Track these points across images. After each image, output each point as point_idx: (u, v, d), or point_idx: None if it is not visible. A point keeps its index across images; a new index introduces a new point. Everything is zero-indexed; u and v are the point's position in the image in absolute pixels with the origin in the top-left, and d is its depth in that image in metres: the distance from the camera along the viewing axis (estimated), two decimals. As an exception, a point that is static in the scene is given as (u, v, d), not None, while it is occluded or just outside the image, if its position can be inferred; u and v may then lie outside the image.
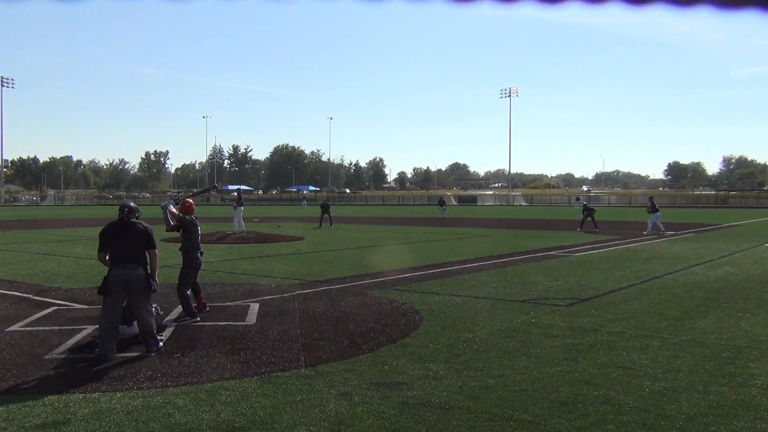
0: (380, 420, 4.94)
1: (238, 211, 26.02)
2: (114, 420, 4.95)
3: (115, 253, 7.27)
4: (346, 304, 10.08)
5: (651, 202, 28.47)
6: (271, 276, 13.43)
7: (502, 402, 5.37)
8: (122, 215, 7.49)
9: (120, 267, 7.19)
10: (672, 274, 13.77)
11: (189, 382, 5.99)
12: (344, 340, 7.65)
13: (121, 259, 7.23)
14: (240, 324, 8.59)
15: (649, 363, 6.62)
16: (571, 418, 4.99)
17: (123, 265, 7.20)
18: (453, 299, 10.53)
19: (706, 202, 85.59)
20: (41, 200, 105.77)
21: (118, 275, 7.15)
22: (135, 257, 7.29)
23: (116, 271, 7.17)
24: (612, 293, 11.22)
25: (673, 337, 7.80)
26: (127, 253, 7.26)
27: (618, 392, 5.63)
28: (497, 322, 8.74)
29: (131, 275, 7.19)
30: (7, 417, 5.03)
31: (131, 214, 7.53)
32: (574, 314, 9.28)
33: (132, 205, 7.70)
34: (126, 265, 7.20)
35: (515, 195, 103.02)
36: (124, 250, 7.26)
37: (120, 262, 7.21)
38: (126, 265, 7.20)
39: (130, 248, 7.29)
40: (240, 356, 6.90)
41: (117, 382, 6.02)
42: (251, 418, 4.99)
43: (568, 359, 6.77)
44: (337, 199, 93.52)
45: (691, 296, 10.91)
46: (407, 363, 6.60)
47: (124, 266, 7.20)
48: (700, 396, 5.53)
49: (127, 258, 7.23)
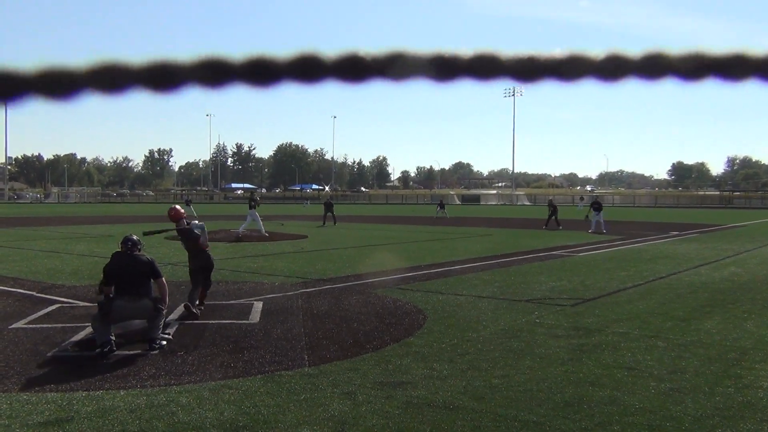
0: (384, 420, 4.91)
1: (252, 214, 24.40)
2: (117, 418, 4.94)
3: (120, 287, 7.30)
4: (349, 303, 10.06)
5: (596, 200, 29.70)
6: (275, 274, 13.41)
7: (506, 402, 5.35)
8: (125, 248, 7.54)
9: (124, 299, 7.19)
10: (677, 275, 13.72)
11: (192, 380, 5.97)
12: (348, 339, 7.63)
13: (125, 291, 7.24)
14: (243, 322, 8.58)
15: (655, 364, 6.59)
16: (576, 418, 4.96)
17: (128, 298, 7.20)
18: (457, 299, 10.50)
19: (711, 203, 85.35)
20: (45, 198, 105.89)
21: (122, 308, 7.15)
22: (139, 290, 7.30)
23: (120, 302, 7.17)
24: (616, 293, 11.18)
25: (679, 338, 7.76)
26: (132, 286, 7.28)
27: (623, 393, 5.60)
28: (501, 321, 8.71)
29: (136, 308, 7.23)
30: (10, 414, 5.02)
31: (134, 247, 7.58)
32: (578, 314, 9.24)
33: (135, 238, 7.73)
34: (130, 297, 7.21)
35: (518, 194, 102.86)
36: (128, 283, 7.29)
37: (125, 293, 7.23)
38: (130, 297, 7.21)
39: (134, 282, 7.31)
40: (243, 355, 6.89)
41: (120, 380, 6.01)
42: (255, 416, 4.97)
43: (572, 359, 6.74)
44: (339, 198, 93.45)
45: (696, 297, 10.87)
46: (411, 362, 6.58)
47: (129, 299, 7.20)
48: (705, 397, 5.50)
49: (132, 291, 7.25)
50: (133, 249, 7.58)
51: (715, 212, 57.14)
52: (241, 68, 0.73)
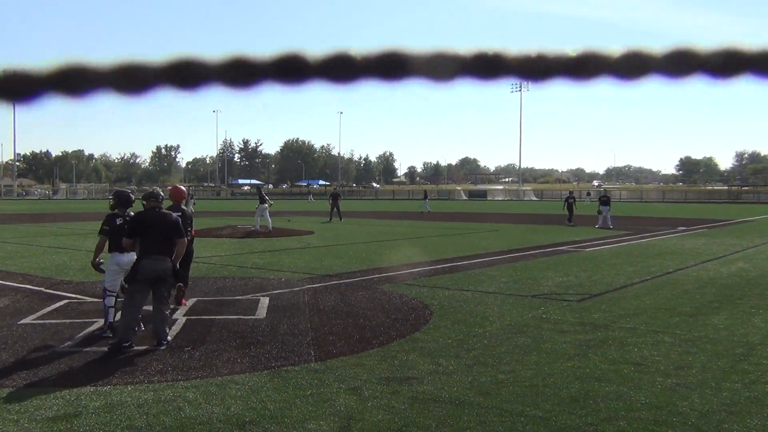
0: (390, 415, 4.93)
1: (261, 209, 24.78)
2: (125, 413, 4.97)
3: (147, 244, 7.19)
4: (355, 299, 10.08)
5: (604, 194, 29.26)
6: (281, 270, 13.45)
7: (512, 398, 5.35)
8: (154, 204, 7.44)
9: (151, 258, 7.11)
10: (684, 270, 13.68)
11: (199, 375, 6.00)
12: (354, 335, 7.65)
13: (152, 250, 7.15)
14: (250, 318, 8.61)
15: (661, 359, 6.58)
16: (582, 414, 4.96)
17: (154, 257, 7.12)
18: (463, 294, 10.51)
19: (719, 198, 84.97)
20: (53, 194, 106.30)
21: (149, 267, 7.07)
22: (165, 249, 7.24)
23: (147, 261, 7.09)
24: (623, 289, 11.16)
25: (686, 334, 7.74)
26: (159, 244, 7.19)
27: (629, 388, 5.60)
28: (508, 317, 8.71)
29: (162, 268, 7.15)
30: (19, 409, 5.06)
31: (162, 202, 7.53)
32: (585, 310, 9.23)
33: (161, 193, 7.68)
34: (157, 257, 7.13)
35: (525, 190, 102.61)
36: (156, 241, 7.19)
37: (151, 253, 7.14)
38: (157, 257, 7.13)
39: (162, 240, 7.24)
40: (250, 350, 6.91)
41: (128, 375, 6.04)
42: (261, 412, 4.99)
43: (579, 355, 6.74)
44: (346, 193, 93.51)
45: (704, 292, 10.83)
46: (417, 358, 6.59)
47: (155, 258, 7.12)
48: (712, 393, 5.49)
49: (158, 250, 7.17)
50: (161, 204, 7.54)
51: (723, 207, 56.90)
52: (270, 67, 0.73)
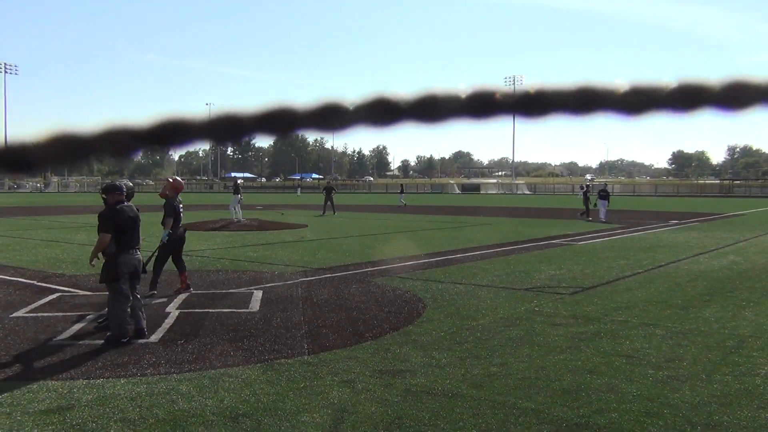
0: (383, 407, 4.94)
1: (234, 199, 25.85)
2: (118, 406, 4.97)
3: (127, 238, 7.22)
4: (349, 292, 10.09)
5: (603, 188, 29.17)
6: (275, 263, 13.44)
7: (505, 390, 5.37)
8: (127, 198, 7.46)
9: (128, 254, 7.18)
10: (676, 263, 13.74)
11: (192, 368, 6.00)
12: (347, 328, 7.66)
13: (130, 245, 7.22)
14: (243, 311, 8.60)
15: (653, 352, 6.62)
16: (574, 406, 4.99)
17: (132, 251, 7.21)
18: (456, 287, 10.53)
19: (711, 191, 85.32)
20: (45, 187, 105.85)
21: (128, 262, 7.15)
22: (137, 242, 7.36)
23: (126, 257, 7.14)
24: (616, 282, 11.21)
25: (677, 326, 7.79)
26: (135, 239, 7.31)
27: (621, 381, 5.63)
28: (500, 310, 8.74)
29: (137, 261, 7.29)
30: (11, 402, 5.05)
31: (131, 197, 7.56)
32: (577, 303, 9.27)
33: (131, 185, 7.71)
34: (133, 251, 7.24)
35: (518, 183, 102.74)
36: (134, 236, 7.29)
37: (129, 248, 7.20)
38: (133, 251, 7.24)
39: (137, 234, 7.36)
40: (243, 343, 6.91)
41: (121, 368, 6.03)
42: (254, 404, 5.00)
43: (571, 348, 6.77)
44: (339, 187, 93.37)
45: (695, 285, 10.89)
46: (410, 351, 6.61)
47: (133, 252, 7.22)
48: (703, 385, 5.52)
49: (134, 245, 7.27)
50: (130, 198, 7.57)
51: (715, 201, 57.15)
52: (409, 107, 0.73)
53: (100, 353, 6.55)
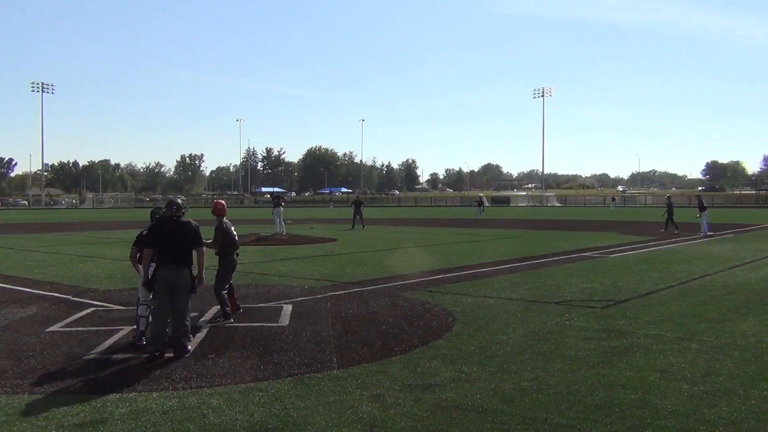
0: (413, 422, 4.92)
1: (276, 212, 26.67)
2: (150, 420, 5.02)
3: (163, 253, 7.20)
4: (378, 306, 10.08)
5: (699, 201, 28.27)
6: (304, 278, 13.50)
7: (536, 405, 5.31)
8: (171, 214, 7.35)
9: (167, 268, 7.14)
10: (711, 276, 13.48)
11: (223, 382, 6.04)
12: (376, 342, 7.65)
13: (167, 260, 7.17)
14: (273, 325, 8.65)
15: (688, 366, 6.48)
16: (607, 422, 4.91)
17: (169, 267, 7.15)
18: (486, 301, 10.46)
19: (747, 202, 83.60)
20: (80, 203, 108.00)
21: (165, 277, 7.12)
22: (181, 259, 7.21)
23: (163, 272, 7.13)
24: (648, 295, 11.02)
25: (713, 340, 7.62)
26: (175, 254, 7.18)
27: (655, 396, 5.52)
28: (531, 324, 8.65)
29: (178, 278, 7.15)
30: (46, 416, 5.13)
31: (180, 211, 7.38)
32: (609, 316, 9.13)
33: (180, 201, 7.58)
34: (172, 266, 7.15)
35: (548, 195, 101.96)
36: (172, 251, 7.18)
37: (166, 263, 7.16)
38: (172, 266, 7.15)
39: (178, 249, 7.20)
40: (273, 357, 6.94)
41: (153, 382, 6.10)
42: (284, 419, 5.01)
43: (603, 362, 6.67)
44: (368, 200, 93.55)
45: (731, 298, 10.66)
46: (440, 365, 6.57)
47: (171, 268, 7.15)
48: (740, 400, 5.39)
49: (173, 260, 7.16)
50: (179, 213, 7.38)
51: (751, 212, 55.96)
52: None
53: (133, 368, 6.64)
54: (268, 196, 31.42)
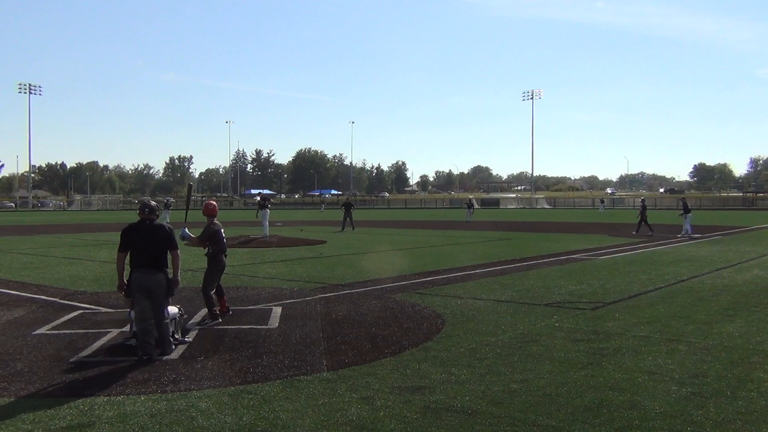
0: (402, 424, 4.91)
1: (263, 214, 26.62)
2: (138, 423, 4.99)
3: (136, 256, 7.23)
4: (368, 308, 10.08)
5: (684, 203, 28.47)
6: (294, 280, 13.47)
7: (525, 407, 5.32)
8: (143, 216, 7.39)
9: (140, 272, 7.17)
10: (699, 278, 13.57)
11: (212, 385, 6.02)
12: (366, 344, 7.64)
13: (140, 264, 7.19)
14: (263, 327, 8.63)
15: (676, 368, 6.52)
16: (595, 423, 4.92)
17: (143, 270, 7.17)
18: (475, 303, 10.47)
19: (734, 204, 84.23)
20: (68, 205, 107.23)
21: (139, 280, 7.15)
22: (155, 262, 7.23)
23: (137, 275, 7.17)
24: (637, 297, 11.08)
25: (700, 342, 7.67)
26: (147, 257, 7.20)
27: (644, 397, 5.55)
28: (520, 326, 8.67)
29: (152, 281, 7.17)
30: (33, 419, 5.09)
31: (152, 214, 7.42)
32: (598, 318, 9.17)
33: (153, 204, 7.60)
34: (146, 270, 7.17)
35: (538, 198, 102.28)
36: (144, 253, 7.21)
37: (140, 267, 7.19)
38: (146, 270, 7.17)
39: (150, 252, 7.22)
40: (262, 360, 6.92)
41: (141, 385, 6.07)
42: (273, 421, 5.00)
43: (592, 364, 6.69)
44: (359, 202, 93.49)
45: (719, 300, 10.73)
46: (430, 367, 6.57)
47: (144, 271, 7.17)
48: (728, 402, 5.43)
49: (146, 263, 7.18)
50: (151, 216, 7.40)
51: (738, 214, 56.39)
52: None
53: (121, 370, 6.60)
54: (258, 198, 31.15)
